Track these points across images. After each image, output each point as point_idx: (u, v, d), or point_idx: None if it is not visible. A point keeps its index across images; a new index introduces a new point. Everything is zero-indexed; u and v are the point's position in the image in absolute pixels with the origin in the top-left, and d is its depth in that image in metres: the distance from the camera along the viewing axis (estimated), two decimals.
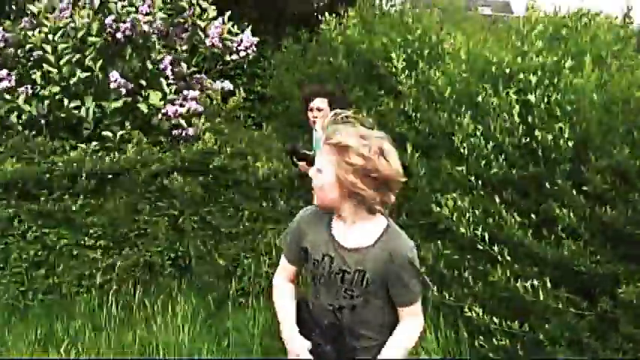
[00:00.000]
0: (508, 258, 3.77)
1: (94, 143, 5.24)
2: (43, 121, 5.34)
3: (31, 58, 5.49)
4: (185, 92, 5.61)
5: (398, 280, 2.30)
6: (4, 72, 5.27)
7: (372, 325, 2.38)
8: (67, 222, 5.01)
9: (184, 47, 5.81)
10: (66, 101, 5.26)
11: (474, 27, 5.82)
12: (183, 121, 5.41)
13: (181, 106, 5.47)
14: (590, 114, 3.75)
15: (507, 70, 4.25)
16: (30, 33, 5.49)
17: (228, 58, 6.05)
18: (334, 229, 2.37)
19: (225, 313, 4.81)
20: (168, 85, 5.53)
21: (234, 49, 5.98)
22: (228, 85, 5.84)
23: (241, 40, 5.96)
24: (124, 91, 5.31)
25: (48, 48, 5.34)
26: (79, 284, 4.97)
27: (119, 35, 5.42)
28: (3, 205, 4.93)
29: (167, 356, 4.26)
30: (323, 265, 2.37)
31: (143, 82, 5.50)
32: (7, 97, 5.25)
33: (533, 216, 3.77)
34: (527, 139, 3.86)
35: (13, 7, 6.04)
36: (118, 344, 4.40)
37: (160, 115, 5.40)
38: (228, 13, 5.87)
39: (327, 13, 5.81)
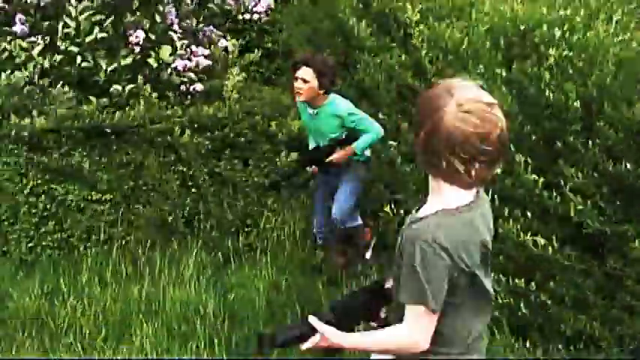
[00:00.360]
0: (518, 214, 3.71)
1: (104, 100, 5.19)
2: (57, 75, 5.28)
3: (41, 4, 5.40)
4: (194, 48, 5.53)
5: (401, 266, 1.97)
6: (21, 17, 5.21)
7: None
8: (76, 176, 5.00)
9: (193, 1, 5.71)
10: (79, 58, 5.20)
11: None
12: (192, 74, 5.35)
13: (189, 60, 5.40)
14: (605, 69, 3.65)
15: (522, 27, 4.17)
16: None
17: (240, 17, 5.96)
18: None
19: (232, 268, 4.82)
20: (178, 39, 5.45)
21: (249, 8, 5.88)
22: (230, 45, 5.72)
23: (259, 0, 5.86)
24: (137, 48, 5.25)
25: (73, 1, 5.26)
26: (87, 238, 4.99)
27: None
28: (13, 159, 4.92)
29: (173, 312, 4.27)
30: None
31: (152, 36, 5.42)
32: (24, 44, 5.18)
33: (543, 174, 3.70)
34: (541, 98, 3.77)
35: None
36: (125, 299, 4.42)
37: (169, 70, 5.34)
38: None
39: None
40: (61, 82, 5.15)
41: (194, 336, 4.05)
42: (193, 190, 5.19)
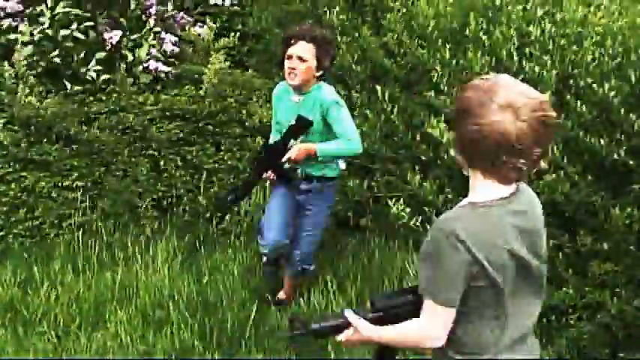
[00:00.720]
0: None
1: (76, 88, 5.13)
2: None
3: None
4: (163, 35, 5.49)
5: None
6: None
7: None
8: (45, 164, 4.96)
9: None
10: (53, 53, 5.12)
11: None
12: (163, 68, 5.32)
13: (161, 58, 5.36)
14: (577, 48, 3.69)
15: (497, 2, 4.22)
16: None
17: (212, 1, 5.92)
18: None
19: (206, 252, 4.80)
20: (151, 29, 5.39)
21: None
22: (205, 32, 5.67)
23: None
24: (109, 45, 5.20)
25: None
26: (59, 226, 4.94)
27: None
28: None
29: (147, 297, 4.24)
30: None
31: (124, 21, 5.36)
32: (20, 25, 5.09)
33: None
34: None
35: None
36: (98, 285, 4.38)
37: (141, 67, 5.30)
38: None
39: None
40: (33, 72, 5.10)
41: (169, 321, 4.02)
42: (165, 175, 5.15)
